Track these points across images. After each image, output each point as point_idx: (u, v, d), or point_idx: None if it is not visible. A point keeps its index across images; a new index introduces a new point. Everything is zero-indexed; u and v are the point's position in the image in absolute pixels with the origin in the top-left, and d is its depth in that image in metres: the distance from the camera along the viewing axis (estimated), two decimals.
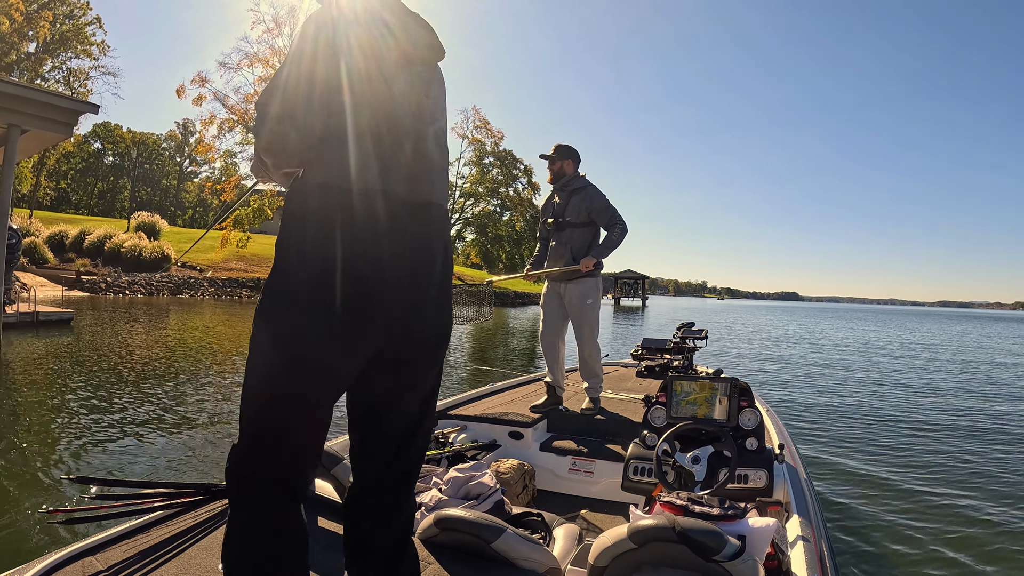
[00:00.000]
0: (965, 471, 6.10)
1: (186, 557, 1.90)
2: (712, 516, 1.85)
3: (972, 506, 5.04)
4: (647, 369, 5.83)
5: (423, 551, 1.95)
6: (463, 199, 59.02)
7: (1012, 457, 6.83)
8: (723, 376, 2.87)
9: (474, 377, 9.98)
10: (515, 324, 24.73)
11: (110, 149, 73.62)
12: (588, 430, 4.02)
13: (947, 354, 19.96)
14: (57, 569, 1.77)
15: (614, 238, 4.27)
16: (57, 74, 48.22)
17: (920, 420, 8.62)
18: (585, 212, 4.26)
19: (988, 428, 8.28)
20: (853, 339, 25.56)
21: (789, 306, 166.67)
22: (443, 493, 2.49)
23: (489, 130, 57.92)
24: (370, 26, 1.47)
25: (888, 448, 6.82)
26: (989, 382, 13.42)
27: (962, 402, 10.42)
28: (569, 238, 4.30)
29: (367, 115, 1.44)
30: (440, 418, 3.89)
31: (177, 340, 13.02)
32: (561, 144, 4.39)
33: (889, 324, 44.68)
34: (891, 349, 20.73)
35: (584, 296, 4.28)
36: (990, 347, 23.99)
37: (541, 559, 1.92)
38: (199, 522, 2.13)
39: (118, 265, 31.75)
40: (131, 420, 6.11)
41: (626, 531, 1.69)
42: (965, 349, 22.39)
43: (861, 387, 11.68)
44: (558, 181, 4.36)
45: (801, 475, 2.94)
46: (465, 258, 65.47)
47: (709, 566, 1.59)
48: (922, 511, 4.82)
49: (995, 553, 4.12)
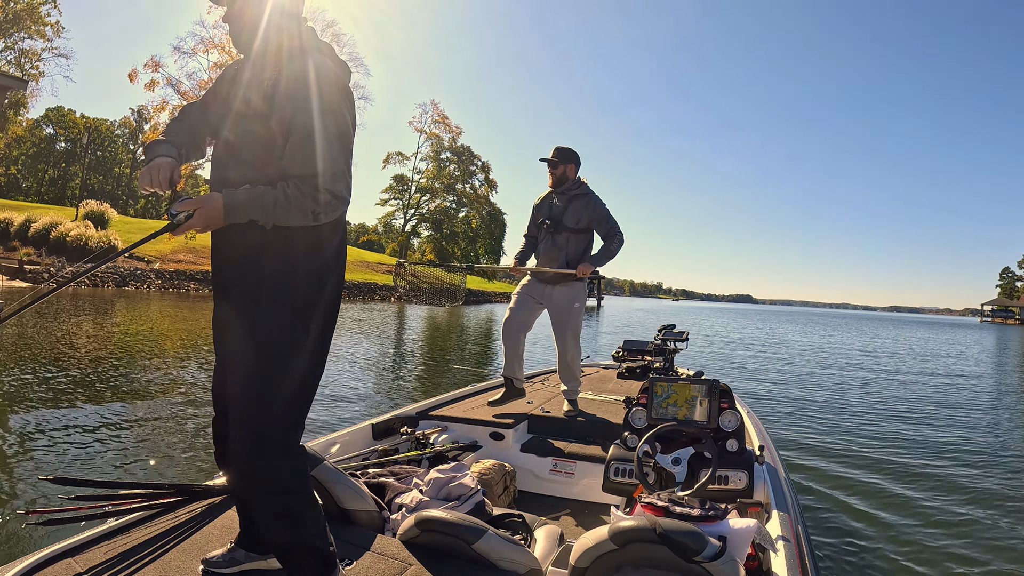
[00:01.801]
0: (941, 471, 6.23)
1: (167, 559, 1.88)
2: (693, 517, 1.86)
3: (949, 505, 5.16)
4: (628, 371, 5.85)
5: (404, 552, 1.95)
6: (419, 195, 58.42)
7: (987, 457, 6.98)
8: (704, 378, 2.90)
9: (455, 378, 9.96)
10: (472, 323, 24.53)
11: (62, 135, 71.50)
12: (569, 431, 4.03)
13: (914, 360, 20.29)
14: (37, 570, 1.75)
15: (612, 249, 4.30)
16: (8, 55, 46.21)
17: (896, 423, 8.77)
18: (585, 219, 4.26)
19: (963, 431, 8.45)
20: (819, 344, 25.58)
21: (744, 308, 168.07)
22: (424, 494, 2.48)
23: (447, 125, 57.51)
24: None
25: (866, 450, 6.93)
26: (962, 387, 13.66)
27: (935, 406, 10.62)
28: (565, 242, 4.28)
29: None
30: (421, 419, 3.89)
31: (108, 336, 12.42)
32: (562, 147, 4.35)
33: (848, 329, 44.45)
34: (855, 355, 20.87)
35: (572, 300, 4.27)
36: (957, 353, 24.36)
37: (522, 560, 1.92)
38: (179, 523, 2.10)
39: (63, 255, 29.94)
40: (35, 421, 5.88)
41: (607, 532, 1.70)
42: (935, 355, 22.73)
43: (835, 392, 11.84)
44: (561, 186, 4.33)
45: (781, 476, 2.97)
46: (421, 255, 64.80)
47: (690, 567, 1.61)
48: (900, 511, 4.91)
49: (972, 551, 4.23)
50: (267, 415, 1.65)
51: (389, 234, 66.69)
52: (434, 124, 57.19)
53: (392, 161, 58.19)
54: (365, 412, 7.06)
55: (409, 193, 58.57)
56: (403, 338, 16.40)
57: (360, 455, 3.18)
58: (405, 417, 3.80)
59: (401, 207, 59.03)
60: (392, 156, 58.10)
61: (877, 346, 26.03)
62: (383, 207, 59.59)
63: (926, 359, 19.20)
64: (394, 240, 61.22)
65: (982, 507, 5.18)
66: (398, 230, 59.95)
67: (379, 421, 3.61)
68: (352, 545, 2.00)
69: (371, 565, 1.88)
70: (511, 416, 3.96)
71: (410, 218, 58.44)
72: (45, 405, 6.38)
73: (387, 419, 3.68)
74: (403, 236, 58.28)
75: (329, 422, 6.43)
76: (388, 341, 14.73)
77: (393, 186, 59.06)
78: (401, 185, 59.05)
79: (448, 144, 58.21)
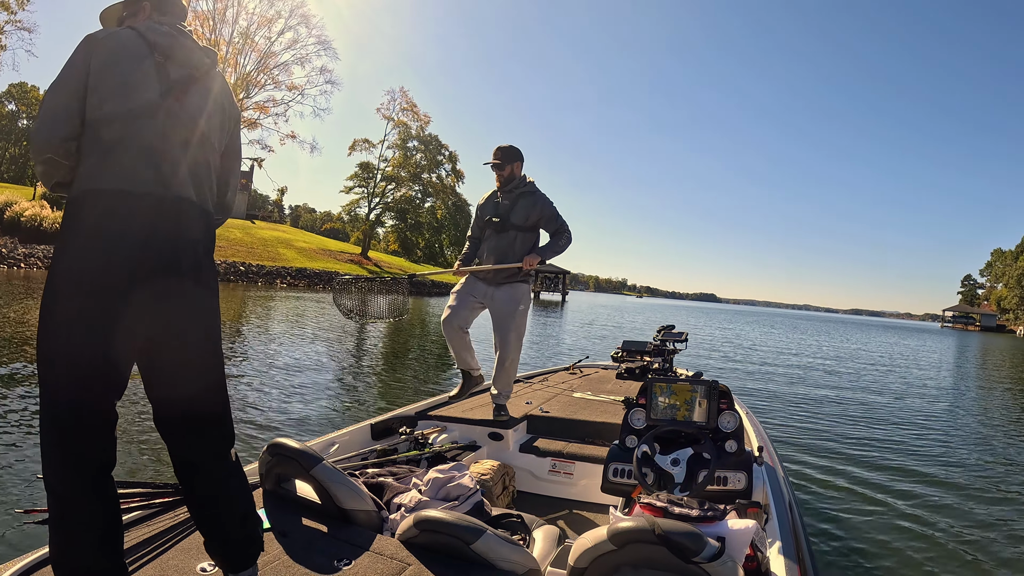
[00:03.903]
0: (940, 472, 6.25)
1: (165, 559, 1.88)
2: (692, 518, 1.86)
3: (949, 506, 5.18)
4: (627, 371, 5.86)
5: (403, 552, 1.95)
6: (384, 183, 57.34)
7: (984, 457, 7.00)
8: (703, 379, 2.89)
9: (454, 378, 9.96)
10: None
11: (25, 112, 70.03)
12: (568, 432, 4.03)
13: (906, 366, 20.41)
14: (35, 570, 1.75)
15: (560, 244, 4.22)
16: None
17: (893, 426, 8.78)
18: (534, 217, 4.17)
19: (962, 434, 8.47)
20: (798, 347, 25.39)
21: (708, 307, 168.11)
22: (423, 494, 2.48)
23: (416, 113, 56.68)
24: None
25: (865, 451, 6.94)
26: (962, 392, 13.70)
27: (932, 411, 10.68)
28: (512, 240, 4.17)
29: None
30: (420, 419, 3.89)
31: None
32: (505, 146, 4.23)
33: (818, 332, 44.17)
34: (840, 358, 20.90)
35: (516, 301, 4.15)
36: (938, 361, 24.31)
37: (521, 560, 1.92)
38: (178, 523, 2.10)
39: (16, 235, 29.49)
40: None
41: (606, 532, 1.70)
42: (919, 362, 22.70)
43: (832, 394, 11.85)
44: (508, 185, 4.22)
45: (780, 477, 2.98)
46: (385, 245, 63.42)
47: (689, 567, 1.61)
48: (900, 511, 4.93)
49: (971, 552, 4.24)
50: None
51: (354, 223, 64.91)
52: (402, 112, 56.28)
53: (358, 148, 56.82)
54: (364, 414, 7.06)
55: (375, 181, 57.31)
56: (367, 336, 15.78)
57: (359, 455, 3.18)
58: (404, 417, 3.80)
59: (366, 195, 57.61)
60: (359, 143, 56.75)
61: (853, 351, 25.71)
62: (347, 195, 58.30)
63: (910, 368, 19.15)
64: (358, 229, 59.61)
65: (980, 507, 5.20)
66: (362, 219, 58.32)
67: (378, 421, 3.61)
68: (351, 545, 1.99)
69: (370, 565, 1.88)
70: (510, 416, 3.97)
71: (375, 207, 57.30)
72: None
73: (386, 419, 3.68)
74: (367, 224, 56.80)
75: (331, 421, 6.43)
76: (349, 339, 14.21)
77: (358, 174, 57.54)
78: (367, 173, 57.57)
79: (416, 132, 57.27)
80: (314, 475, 2.16)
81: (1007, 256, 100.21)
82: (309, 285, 36.50)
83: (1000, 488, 5.88)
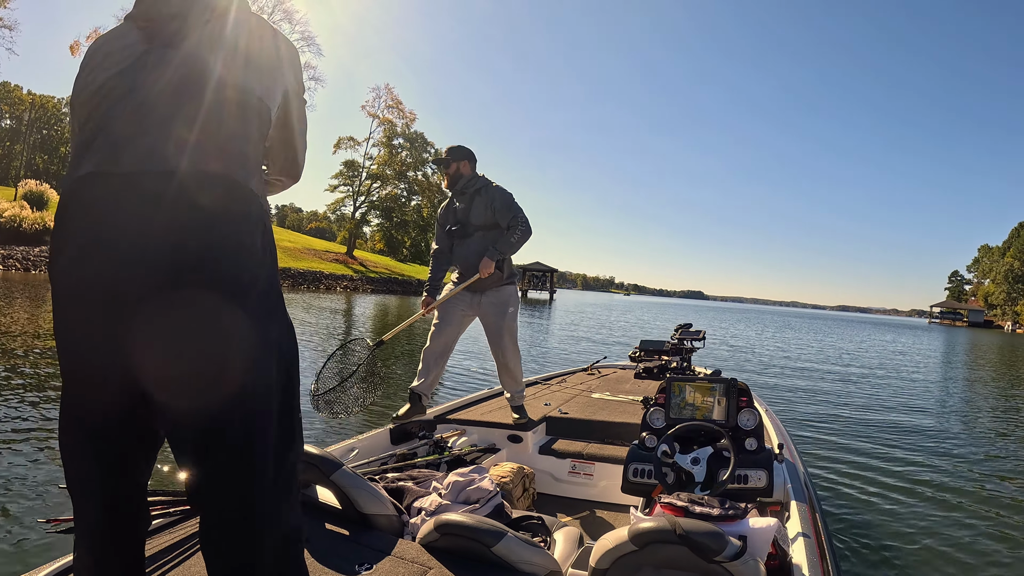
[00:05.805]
0: (964, 469, 6.15)
1: (187, 566, 1.89)
2: (713, 517, 1.85)
3: (972, 502, 5.09)
4: (645, 371, 5.84)
5: (424, 556, 1.95)
6: (370, 181, 56.77)
7: (1008, 453, 6.88)
8: (722, 377, 2.88)
9: (473, 381, 9.96)
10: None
11: (7, 111, 69.38)
12: (587, 433, 4.02)
13: (915, 362, 20.20)
14: None
15: (514, 239, 3.94)
16: None
17: (918, 419, 8.67)
18: (492, 212, 3.98)
19: (982, 426, 8.33)
20: (798, 347, 24.78)
21: (696, 304, 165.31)
22: (443, 498, 2.48)
23: (401, 110, 56.12)
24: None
25: (887, 448, 6.85)
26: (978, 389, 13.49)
27: (953, 402, 10.51)
28: (479, 243, 3.99)
29: None
30: (439, 422, 3.89)
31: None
32: (453, 145, 4.12)
33: (811, 329, 43.34)
34: (850, 356, 20.70)
35: (505, 305, 4.05)
36: (939, 359, 23.88)
37: (542, 562, 1.91)
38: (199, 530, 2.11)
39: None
40: None
41: (627, 533, 1.69)
42: (923, 360, 22.29)
43: (848, 390, 11.71)
44: (455, 185, 4.09)
45: (801, 474, 2.95)
46: (372, 245, 62.79)
47: (711, 567, 1.60)
48: (923, 508, 4.86)
49: (993, 548, 4.16)
50: None
51: (340, 222, 64.40)
52: (387, 109, 55.66)
53: (343, 146, 56.17)
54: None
55: (360, 179, 56.81)
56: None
57: (379, 460, 3.19)
58: (423, 421, 3.80)
59: (351, 194, 56.99)
60: (344, 141, 56.12)
61: (854, 350, 25.08)
62: (332, 193, 57.71)
63: (917, 365, 18.89)
64: (344, 228, 59.07)
65: (1003, 503, 5.11)
66: (348, 217, 57.65)
67: (397, 425, 3.62)
68: (372, 550, 2.00)
69: (391, 569, 1.88)
70: (530, 418, 3.96)
71: (360, 205, 56.76)
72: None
73: (405, 423, 3.69)
74: (352, 223, 56.21)
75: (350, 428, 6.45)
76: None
77: (343, 172, 57.05)
78: (352, 171, 56.90)
79: (401, 130, 56.70)
80: (334, 480, 2.17)
81: (994, 252, 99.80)
82: (293, 285, 36.21)
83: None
